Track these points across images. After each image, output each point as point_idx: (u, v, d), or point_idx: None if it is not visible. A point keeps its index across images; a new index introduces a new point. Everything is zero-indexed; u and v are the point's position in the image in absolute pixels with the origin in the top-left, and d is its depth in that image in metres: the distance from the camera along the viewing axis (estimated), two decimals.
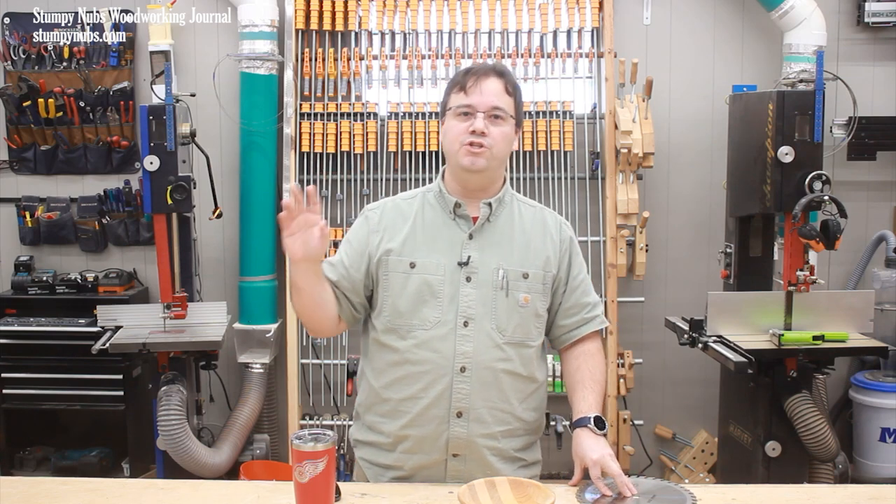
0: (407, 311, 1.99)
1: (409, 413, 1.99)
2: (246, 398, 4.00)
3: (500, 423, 1.99)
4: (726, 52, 4.16)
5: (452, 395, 1.96)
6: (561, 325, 2.10)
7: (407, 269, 2.00)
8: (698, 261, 4.19)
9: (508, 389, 2.00)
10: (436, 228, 2.03)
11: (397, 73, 4.07)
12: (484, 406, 1.97)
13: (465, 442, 1.97)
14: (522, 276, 2.01)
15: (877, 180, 4.19)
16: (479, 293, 1.98)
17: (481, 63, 2.04)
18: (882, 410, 3.90)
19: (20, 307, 4.06)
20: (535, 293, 2.02)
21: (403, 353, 1.99)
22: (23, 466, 4.15)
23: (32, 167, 4.27)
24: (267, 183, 4.09)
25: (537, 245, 2.05)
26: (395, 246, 2.01)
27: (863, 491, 1.94)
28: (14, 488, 1.93)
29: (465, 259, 1.99)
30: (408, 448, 2.01)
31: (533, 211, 2.11)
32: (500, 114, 1.98)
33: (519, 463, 2.05)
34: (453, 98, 2.00)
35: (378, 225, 2.06)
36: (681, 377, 4.23)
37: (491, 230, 2.03)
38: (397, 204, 2.10)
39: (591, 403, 2.00)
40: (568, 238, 2.10)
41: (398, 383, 2.00)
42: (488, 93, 1.97)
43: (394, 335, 2.00)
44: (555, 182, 4.02)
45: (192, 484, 1.99)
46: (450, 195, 2.04)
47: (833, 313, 3.32)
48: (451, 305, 1.97)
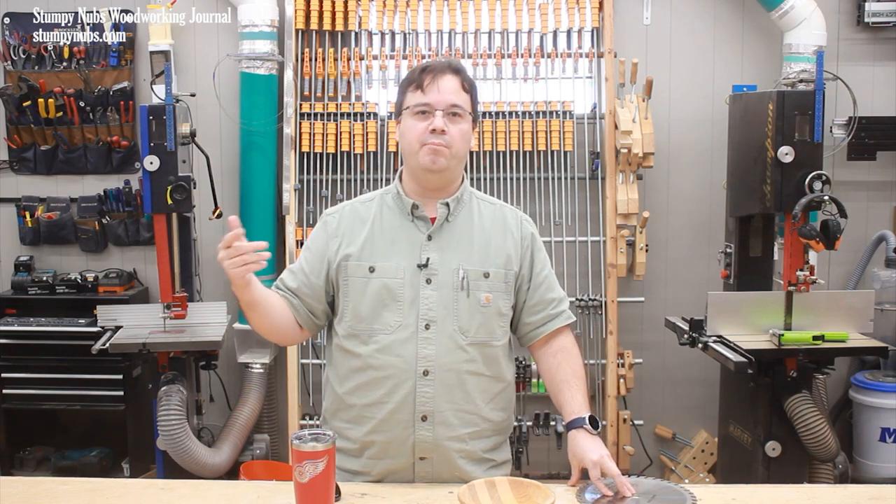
0: (368, 315, 1.98)
1: (373, 418, 1.98)
2: (246, 398, 4.00)
3: (466, 425, 1.98)
4: (726, 52, 4.16)
5: (416, 398, 1.95)
6: (527, 322, 2.08)
7: (366, 273, 1.99)
8: (698, 261, 4.19)
9: (474, 390, 1.99)
10: (394, 231, 2.01)
11: (397, 73, 4.07)
12: (449, 409, 1.96)
13: (431, 445, 1.96)
14: (483, 275, 1.99)
15: (877, 180, 4.19)
16: (439, 295, 1.97)
17: (436, 60, 2.03)
18: (882, 410, 3.90)
19: (20, 307, 4.06)
20: (496, 292, 2.01)
21: (366, 358, 1.98)
22: (23, 466, 4.15)
23: (32, 167, 4.27)
24: (267, 183, 4.09)
25: (497, 243, 2.03)
26: (354, 251, 2.00)
27: (863, 491, 1.94)
28: (14, 488, 1.93)
29: (424, 261, 1.97)
30: (374, 454, 2.00)
31: (493, 209, 2.09)
32: (459, 111, 1.96)
33: (488, 464, 2.04)
34: (410, 97, 1.98)
35: (336, 230, 2.05)
36: (681, 377, 4.23)
37: (450, 230, 2.02)
38: (355, 208, 2.08)
39: (580, 402, 1.99)
40: (529, 234, 2.08)
41: (362, 389, 1.99)
42: (446, 90, 1.95)
43: (355, 340, 1.99)
44: (555, 182, 4.02)
45: (192, 484, 1.99)
46: (407, 197, 2.02)
47: (833, 313, 3.32)
48: (411, 309, 1.96)
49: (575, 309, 3.86)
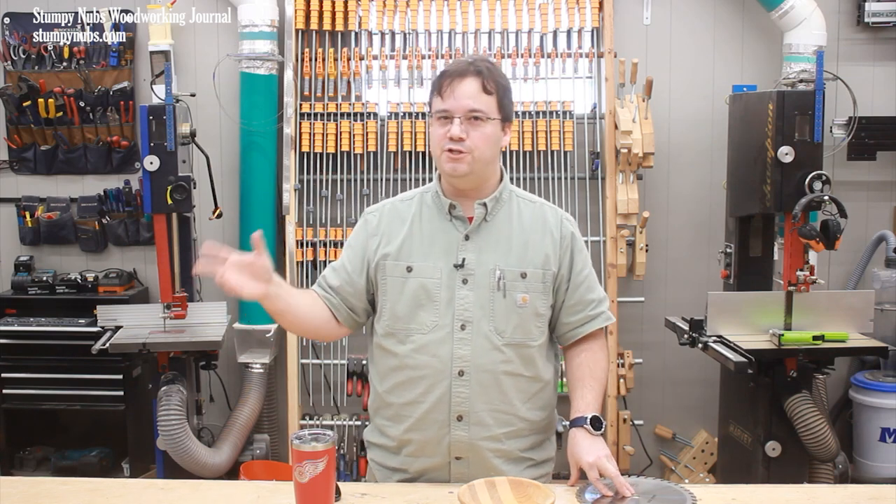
0: (404, 315, 1.98)
1: (410, 417, 1.98)
2: (246, 398, 4.00)
3: (502, 425, 1.98)
4: (726, 52, 4.16)
5: (452, 399, 1.95)
6: (565, 322, 2.07)
7: (404, 273, 1.99)
8: (698, 261, 4.19)
9: (510, 390, 1.98)
10: (433, 231, 2.01)
11: (397, 73, 4.07)
12: (485, 409, 1.96)
13: (466, 445, 1.97)
14: (520, 275, 1.99)
15: (877, 180, 4.19)
16: (475, 295, 1.96)
17: (459, 61, 2.01)
18: (882, 410, 3.90)
19: (20, 307, 4.06)
20: (534, 292, 1.99)
21: (403, 357, 1.98)
22: (23, 466, 4.15)
23: (32, 167, 4.27)
24: (267, 183, 4.09)
25: (536, 243, 2.02)
26: (393, 250, 2.00)
27: (863, 491, 1.94)
28: (14, 488, 1.93)
29: (460, 261, 1.97)
30: (411, 451, 2.01)
31: (532, 207, 2.07)
32: (479, 115, 1.93)
33: (527, 463, 2.04)
34: (434, 102, 1.98)
35: (377, 229, 2.05)
36: (681, 377, 4.23)
37: (488, 230, 2.01)
38: (395, 206, 2.08)
39: (588, 402, 1.98)
40: (569, 234, 2.07)
41: (399, 388, 2.00)
42: (462, 95, 1.92)
43: (393, 339, 2.00)
44: (555, 182, 4.02)
45: (192, 484, 1.99)
46: (445, 197, 2.02)
47: (833, 313, 3.32)
48: (447, 309, 1.96)
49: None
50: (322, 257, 4.01)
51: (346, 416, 4.09)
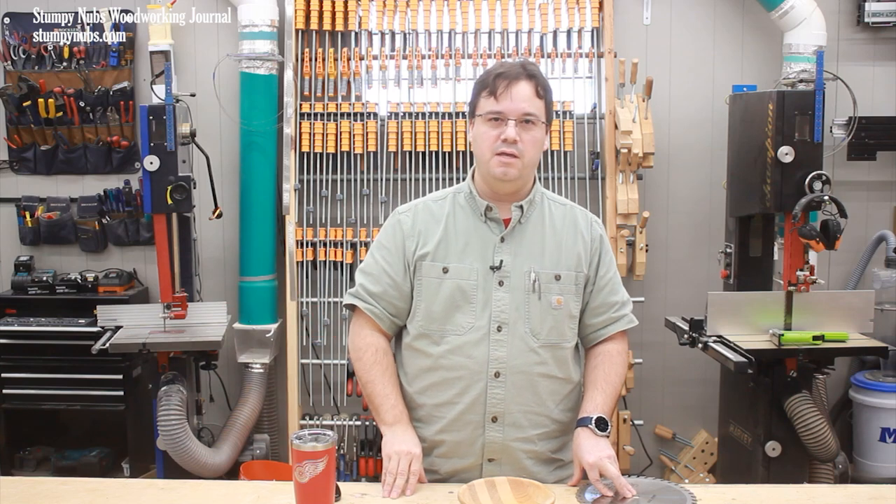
0: (440, 316, 1.98)
1: (444, 418, 1.99)
2: (246, 398, 4.00)
3: (536, 427, 1.99)
4: (726, 52, 4.16)
5: (487, 400, 1.96)
6: (588, 324, 2.08)
7: (440, 274, 1.99)
8: (698, 261, 4.19)
9: (544, 392, 1.99)
10: (468, 232, 2.01)
11: (397, 73, 4.07)
12: (519, 410, 1.97)
13: (500, 446, 1.97)
14: (555, 277, 1.99)
15: (877, 180, 4.19)
16: (511, 297, 1.97)
17: (510, 63, 2.00)
18: (882, 410, 3.90)
19: (20, 307, 4.06)
20: (567, 294, 2.00)
21: (437, 358, 1.98)
22: (23, 466, 4.15)
23: (32, 167, 4.27)
24: (267, 183, 4.09)
25: (569, 245, 2.03)
26: (430, 250, 2.00)
27: (863, 491, 1.94)
28: (14, 488, 1.93)
29: (497, 263, 1.97)
30: (443, 452, 2.01)
31: (563, 210, 2.08)
32: (532, 119, 1.94)
33: (556, 464, 2.05)
34: (483, 102, 1.96)
35: (412, 229, 2.03)
36: (681, 377, 4.23)
37: (522, 232, 2.01)
38: (428, 206, 2.07)
39: (597, 404, 1.98)
40: (598, 236, 2.08)
41: (432, 389, 2.00)
42: (519, 99, 1.92)
43: (426, 340, 2.00)
44: (555, 182, 4.02)
45: (192, 484, 1.99)
46: (480, 198, 2.01)
47: (833, 313, 3.31)
48: (484, 311, 1.96)
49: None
50: (322, 257, 4.01)
51: (346, 416, 4.09)
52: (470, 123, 2.04)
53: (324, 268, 4.02)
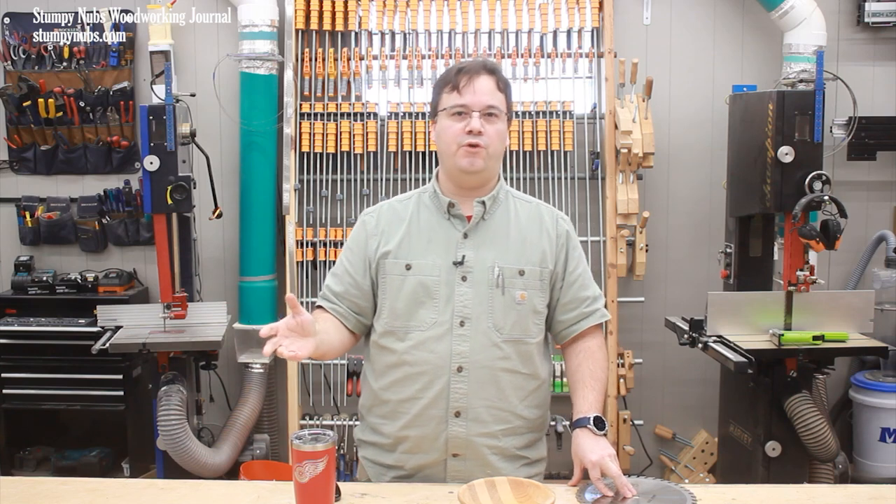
0: (404, 312, 1.99)
1: (407, 414, 1.99)
2: (246, 398, 4.00)
3: (499, 422, 1.99)
4: (726, 52, 4.16)
5: (450, 395, 1.96)
6: (560, 320, 2.09)
7: (403, 271, 2.00)
8: (698, 261, 4.19)
9: (508, 387, 1.99)
10: (431, 229, 2.03)
11: (397, 73, 4.07)
12: (482, 405, 1.97)
13: (464, 441, 1.97)
14: (518, 272, 2.00)
15: (877, 180, 4.19)
16: (474, 292, 1.98)
17: (471, 60, 2.06)
18: (882, 410, 3.90)
19: (20, 307, 4.06)
20: (531, 290, 2.01)
21: (401, 354, 1.99)
22: (23, 466, 4.15)
23: (32, 167, 4.27)
24: (267, 183, 4.09)
25: (533, 241, 2.04)
26: (392, 248, 2.02)
27: (863, 491, 1.94)
28: (14, 488, 1.93)
29: (459, 258, 1.99)
30: (408, 448, 2.01)
31: (529, 206, 2.10)
32: (495, 111, 1.98)
33: (522, 461, 2.05)
34: (446, 98, 2.00)
35: (375, 229, 2.06)
36: (681, 377, 4.23)
37: (486, 228, 2.03)
38: (393, 206, 2.10)
39: (591, 403, 1.99)
40: (565, 232, 2.09)
41: (396, 385, 2.01)
42: (482, 91, 1.97)
43: (392, 337, 2.01)
44: (555, 182, 4.02)
45: (192, 484, 1.99)
46: (444, 195, 2.04)
47: (833, 313, 3.32)
48: (447, 306, 1.97)
49: None
50: (322, 257, 4.01)
51: (346, 416, 4.09)
52: (432, 123, 2.07)
53: (324, 268, 4.02)
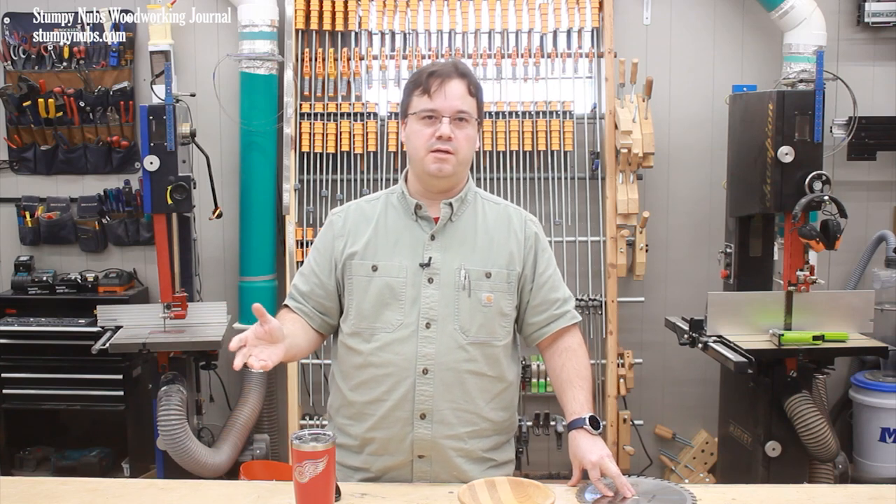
0: (370, 314, 1.99)
1: (373, 416, 1.99)
2: (246, 398, 4.00)
3: (465, 424, 1.99)
4: (726, 52, 4.16)
5: (415, 397, 1.96)
6: (530, 322, 2.08)
7: (369, 272, 2.00)
8: (698, 261, 4.19)
9: (474, 390, 1.99)
10: (398, 230, 2.02)
11: (397, 73, 4.07)
12: (448, 407, 1.97)
13: (429, 443, 1.97)
14: (485, 275, 2.00)
15: (877, 180, 4.19)
16: (441, 294, 1.97)
17: (442, 63, 2.03)
18: (882, 410, 3.90)
19: (20, 307, 4.06)
20: (498, 292, 2.01)
21: (367, 356, 1.99)
22: (23, 466, 4.15)
23: (32, 167, 4.27)
24: (267, 183, 4.09)
25: (500, 243, 2.03)
26: (358, 249, 2.02)
27: (863, 491, 1.94)
28: (14, 488, 1.93)
29: (426, 260, 1.98)
30: (374, 450, 2.01)
31: (497, 209, 2.09)
32: (465, 116, 1.96)
33: (489, 463, 2.04)
34: (416, 101, 1.98)
35: (342, 229, 2.06)
36: (681, 377, 4.23)
37: (453, 230, 2.02)
38: (361, 207, 2.09)
39: (582, 403, 1.98)
40: (533, 234, 2.08)
41: (363, 386, 2.00)
42: (452, 96, 1.95)
43: (358, 338, 2.00)
44: (555, 182, 4.02)
45: (192, 484, 1.99)
46: (411, 197, 2.03)
47: (833, 313, 3.32)
48: (413, 308, 1.97)
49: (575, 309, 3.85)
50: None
51: None
52: (402, 123, 2.05)
53: None
